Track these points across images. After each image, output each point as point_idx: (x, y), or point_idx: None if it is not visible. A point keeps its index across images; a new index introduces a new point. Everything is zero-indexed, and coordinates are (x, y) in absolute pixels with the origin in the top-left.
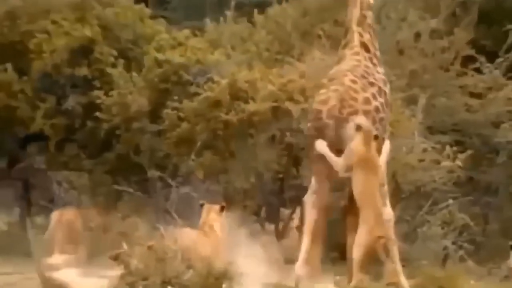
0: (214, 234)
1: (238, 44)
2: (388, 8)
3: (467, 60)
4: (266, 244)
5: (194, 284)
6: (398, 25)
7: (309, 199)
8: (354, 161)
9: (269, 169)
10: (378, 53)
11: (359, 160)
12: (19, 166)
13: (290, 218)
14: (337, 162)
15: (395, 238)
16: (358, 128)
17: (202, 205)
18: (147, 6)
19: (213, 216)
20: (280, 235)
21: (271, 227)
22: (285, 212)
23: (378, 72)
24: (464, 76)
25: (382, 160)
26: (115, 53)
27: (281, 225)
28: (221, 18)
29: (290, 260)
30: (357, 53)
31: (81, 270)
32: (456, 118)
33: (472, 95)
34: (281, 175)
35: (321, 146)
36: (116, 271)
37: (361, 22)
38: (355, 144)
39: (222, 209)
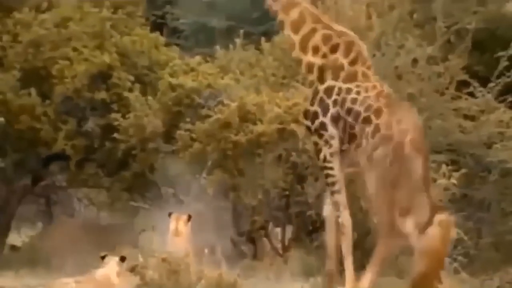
0: (182, 240)
1: (246, 70)
2: (387, 36)
3: (461, 85)
4: None
5: None
6: (397, 51)
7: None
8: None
9: (275, 186)
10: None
11: None
12: (42, 184)
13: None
14: None
15: None
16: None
17: (170, 215)
18: (161, 34)
19: (181, 224)
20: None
21: None
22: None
23: None
24: (459, 100)
25: None
26: (131, 78)
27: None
28: (231, 46)
29: None
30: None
31: None
32: (451, 138)
33: (466, 117)
34: (286, 192)
35: None
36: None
37: None
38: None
39: (189, 218)
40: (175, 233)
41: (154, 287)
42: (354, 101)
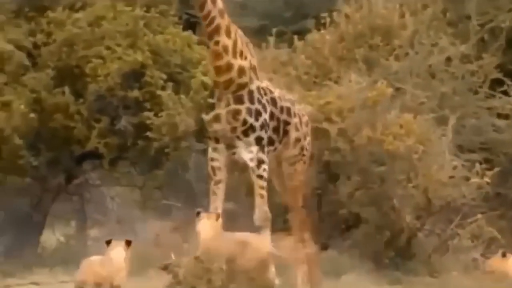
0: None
1: (279, 68)
2: (420, 34)
3: (495, 83)
4: None
5: None
6: (430, 50)
7: None
8: None
9: (308, 185)
10: None
11: None
12: (75, 182)
13: None
14: None
15: None
16: None
17: (198, 214)
18: (194, 33)
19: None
20: None
21: None
22: None
23: None
24: (492, 98)
25: None
26: (164, 76)
27: None
28: (263, 44)
29: None
30: None
31: None
32: (484, 137)
33: (500, 116)
34: (319, 191)
35: None
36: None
37: None
38: None
39: (217, 217)
40: (204, 232)
41: (187, 286)
42: (279, 98)
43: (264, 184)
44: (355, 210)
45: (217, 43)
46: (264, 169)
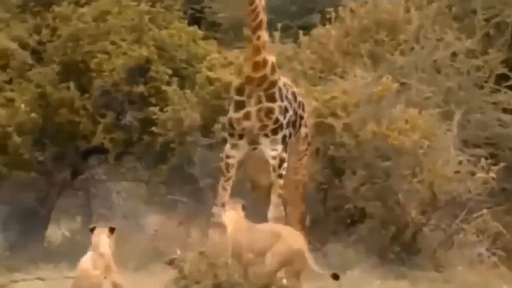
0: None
1: (284, 63)
2: (426, 29)
3: (501, 78)
4: None
5: None
6: (436, 45)
7: None
8: None
9: (313, 180)
10: None
11: None
12: (81, 177)
13: None
14: None
15: None
16: None
17: (223, 205)
18: (199, 28)
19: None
20: None
21: None
22: None
23: None
24: (498, 93)
25: None
26: (169, 71)
27: None
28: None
29: None
30: None
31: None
32: (490, 132)
33: (505, 111)
34: (324, 186)
35: None
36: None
37: None
38: None
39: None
40: (232, 225)
41: (192, 281)
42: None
43: (282, 183)
44: (360, 205)
45: (259, 37)
46: (284, 168)
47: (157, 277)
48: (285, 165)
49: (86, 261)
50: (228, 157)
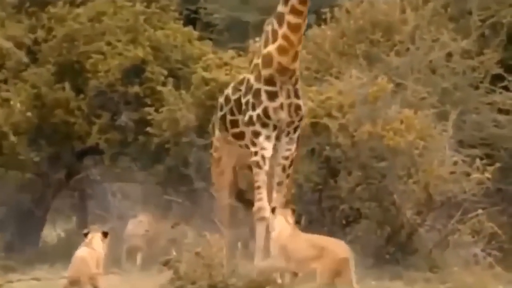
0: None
1: None
2: (421, 30)
3: (496, 79)
4: None
5: None
6: (431, 45)
7: None
8: None
9: (308, 180)
10: None
11: None
12: (76, 178)
13: None
14: None
15: None
16: None
17: (274, 210)
18: (194, 29)
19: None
20: None
21: None
22: None
23: None
24: (493, 94)
25: None
26: (165, 72)
27: None
28: None
29: None
30: None
31: None
32: (485, 133)
33: (501, 111)
34: (320, 186)
35: None
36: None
37: None
38: None
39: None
40: (280, 231)
41: (188, 281)
42: None
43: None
44: (355, 205)
45: (302, 28)
46: (291, 169)
47: (153, 278)
48: (292, 165)
49: (83, 250)
50: (263, 148)
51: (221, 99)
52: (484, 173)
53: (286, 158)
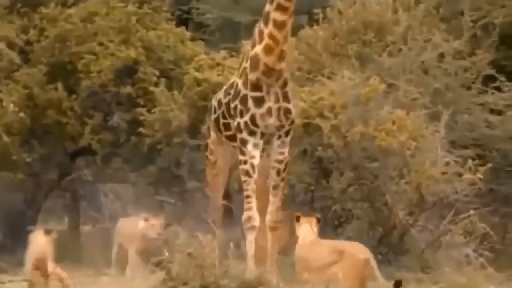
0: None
1: None
2: (413, 30)
3: (488, 79)
4: None
5: None
6: (423, 46)
7: None
8: None
9: (301, 181)
10: None
11: None
12: (68, 178)
13: None
14: None
15: None
16: None
17: (298, 218)
18: (187, 29)
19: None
20: None
21: None
22: None
23: None
24: (485, 94)
25: None
26: (157, 73)
27: None
28: None
29: None
30: None
31: None
32: (477, 133)
33: (492, 112)
34: (312, 187)
35: None
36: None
37: None
38: None
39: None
40: (304, 238)
41: (180, 282)
42: None
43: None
44: (347, 206)
45: (288, 25)
46: (286, 171)
47: (145, 278)
48: (286, 169)
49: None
50: (252, 157)
51: (214, 102)
52: (476, 173)
53: (280, 161)
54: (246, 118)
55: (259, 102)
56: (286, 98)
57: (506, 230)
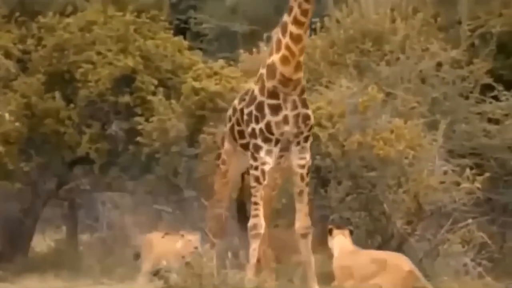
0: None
1: None
2: (411, 39)
3: (486, 88)
4: None
5: None
6: (421, 55)
7: None
8: None
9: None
10: None
11: None
12: (66, 187)
13: None
14: None
15: None
16: None
17: (331, 231)
18: (185, 38)
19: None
20: None
21: None
22: None
23: None
24: (483, 103)
25: None
26: (155, 82)
27: None
28: (254, 49)
29: None
30: None
31: None
32: (475, 142)
33: (490, 121)
34: (310, 196)
35: None
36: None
37: None
38: None
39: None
40: (339, 250)
41: None
42: None
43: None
44: (346, 215)
45: (304, 39)
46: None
47: None
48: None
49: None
50: (264, 163)
51: (229, 111)
52: (474, 182)
53: (302, 166)
54: (262, 125)
55: (275, 109)
56: (304, 105)
57: (504, 239)
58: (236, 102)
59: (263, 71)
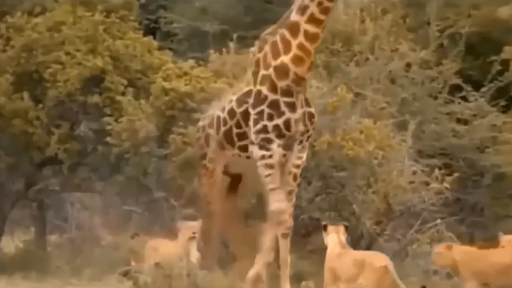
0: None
1: (240, 74)
2: (380, 40)
3: (455, 89)
4: None
5: None
6: (390, 56)
7: None
8: None
9: None
10: None
11: None
12: (35, 188)
13: None
14: None
15: None
16: None
17: (325, 227)
18: (154, 38)
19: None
20: None
21: None
22: None
23: None
24: (452, 104)
25: None
26: (124, 82)
27: None
28: (224, 50)
29: None
30: None
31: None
32: (444, 142)
33: (459, 121)
34: None
35: None
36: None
37: None
38: None
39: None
40: (342, 246)
41: None
42: None
43: None
44: (315, 215)
45: (320, 37)
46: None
47: None
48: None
49: None
50: (276, 153)
51: (223, 114)
52: (443, 183)
53: (298, 166)
54: (279, 121)
55: (292, 107)
56: (308, 103)
57: (473, 239)
58: (233, 104)
59: (266, 72)
